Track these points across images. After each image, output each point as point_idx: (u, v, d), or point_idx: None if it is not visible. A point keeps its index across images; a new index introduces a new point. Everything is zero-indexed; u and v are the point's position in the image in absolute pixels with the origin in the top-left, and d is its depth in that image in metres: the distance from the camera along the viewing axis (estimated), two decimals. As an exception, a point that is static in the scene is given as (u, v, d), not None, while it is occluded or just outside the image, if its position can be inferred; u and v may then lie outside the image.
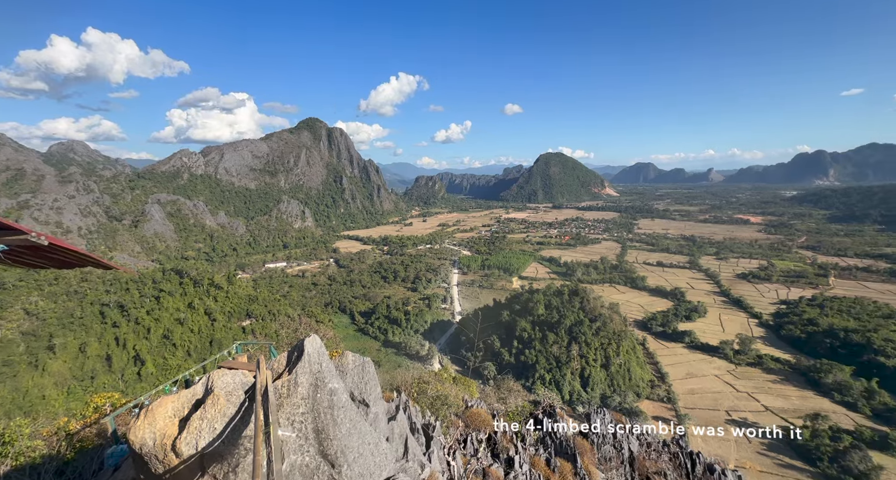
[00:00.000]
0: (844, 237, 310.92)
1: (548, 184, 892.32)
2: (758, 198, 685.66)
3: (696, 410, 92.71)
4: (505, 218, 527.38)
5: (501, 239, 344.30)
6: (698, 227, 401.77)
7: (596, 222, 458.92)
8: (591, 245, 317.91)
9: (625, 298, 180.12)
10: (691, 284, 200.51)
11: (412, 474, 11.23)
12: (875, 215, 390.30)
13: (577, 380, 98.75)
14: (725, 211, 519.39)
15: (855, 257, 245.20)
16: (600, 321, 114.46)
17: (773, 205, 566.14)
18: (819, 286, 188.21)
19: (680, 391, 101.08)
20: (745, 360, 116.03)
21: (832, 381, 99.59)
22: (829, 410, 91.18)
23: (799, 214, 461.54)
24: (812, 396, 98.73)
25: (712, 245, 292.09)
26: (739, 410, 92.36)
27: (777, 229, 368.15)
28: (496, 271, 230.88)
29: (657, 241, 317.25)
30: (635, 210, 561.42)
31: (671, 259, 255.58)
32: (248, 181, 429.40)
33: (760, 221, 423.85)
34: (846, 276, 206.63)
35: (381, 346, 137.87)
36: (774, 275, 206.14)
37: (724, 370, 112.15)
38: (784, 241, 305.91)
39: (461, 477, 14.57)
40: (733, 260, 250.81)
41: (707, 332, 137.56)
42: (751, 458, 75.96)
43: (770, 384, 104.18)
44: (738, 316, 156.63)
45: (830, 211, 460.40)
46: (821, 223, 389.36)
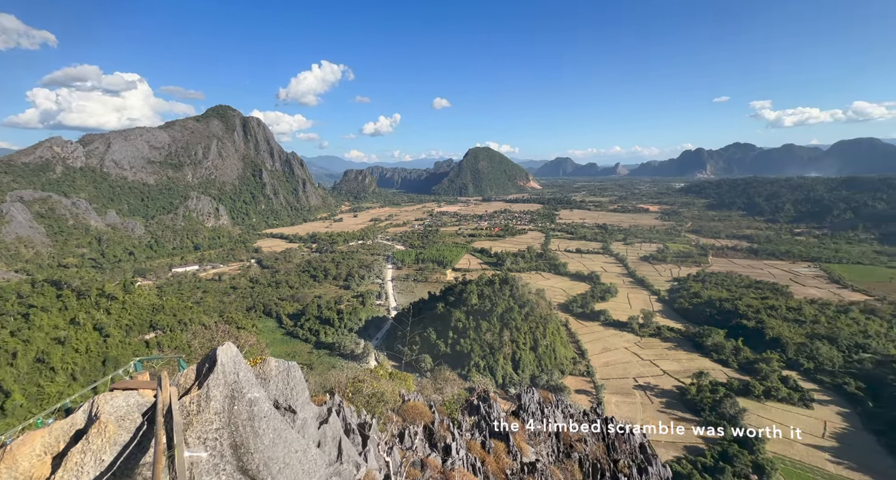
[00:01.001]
0: (718, 222, 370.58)
1: (477, 178, 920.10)
2: (655, 189, 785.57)
3: (610, 380, 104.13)
4: (437, 212, 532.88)
5: (434, 233, 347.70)
6: (609, 216, 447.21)
7: (522, 213, 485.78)
8: (519, 236, 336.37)
9: (549, 283, 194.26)
10: (605, 267, 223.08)
11: (346, 476, 10.93)
12: (739, 202, 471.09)
13: (509, 364, 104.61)
14: (630, 201, 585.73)
15: (726, 239, 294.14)
16: (529, 306, 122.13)
17: (667, 195, 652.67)
18: (701, 264, 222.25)
19: (597, 365, 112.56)
20: (647, 332, 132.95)
21: (711, 343, 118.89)
22: (710, 368, 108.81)
23: (686, 203, 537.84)
24: (697, 357, 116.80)
25: (621, 232, 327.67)
26: (644, 376, 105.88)
27: (670, 216, 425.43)
28: (430, 264, 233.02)
29: (575, 230, 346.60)
30: (556, 202, 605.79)
31: (588, 246, 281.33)
32: (145, 175, 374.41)
33: (657, 209, 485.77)
34: (720, 254, 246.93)
35: (313, 348, 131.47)
36: (669, 256, 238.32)
37: (632, 343, 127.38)
38: (675, 226, 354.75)
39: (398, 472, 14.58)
40: (637, 245, 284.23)
41: (618, 310, 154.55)
42: (654, 416, 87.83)
43: (667, 351, 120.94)
44: (642, 294, 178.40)
45: (708, 200, 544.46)
46: (701, 211, 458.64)
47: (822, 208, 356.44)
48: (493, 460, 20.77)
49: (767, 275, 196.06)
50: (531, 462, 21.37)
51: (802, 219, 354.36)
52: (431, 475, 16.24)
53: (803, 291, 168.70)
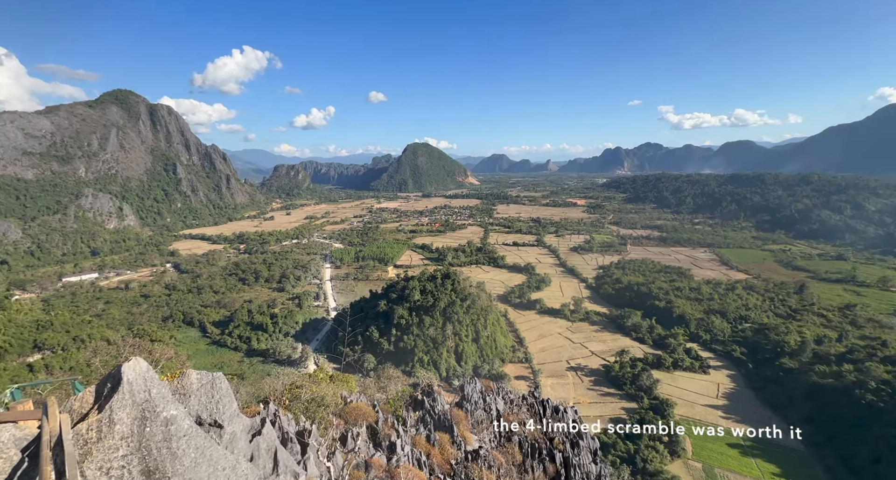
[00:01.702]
0: (634, 214, 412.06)
1: (417, 173, 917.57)
2: (581, 185, 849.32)
3: (545, 364, 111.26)
4: (377, 208, 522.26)
5: (375, 229, 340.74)
6: (542, 210, 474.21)
7: (462, 208, 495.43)
8: (459, 231, 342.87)
9: (489, 276, 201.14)
10: (539, 259, 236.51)
11: (284, 487, 10.39)
12: (651, 196, 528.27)
13: (453, 357, 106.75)
14: (560, 196, 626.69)
15: (641, 229, 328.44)
16: (470, 299, 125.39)
17: (592, 190, 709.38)
18: (622, 253, 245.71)
19: (534, 351, 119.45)
20: (577, 317, 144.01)
21: (630, 324, 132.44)
22: (630, 346, 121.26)
23: (608, 197, 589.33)
24: (620, 337, 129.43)
25: (553, 225, 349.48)
26: (575, 358, 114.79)
27: (595, 209, 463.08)
28: (371, 261, 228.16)
29: (512, 224, 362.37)
30: (494, 197, 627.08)
31: (523, 239, 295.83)
32: (20, 169, 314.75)
33: (584, 203, 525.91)
34: (637, 243, 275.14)
35: (244, 356, 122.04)
36: (595, 247, 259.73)
37: (565, 328, 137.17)
38: (599, 219, 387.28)
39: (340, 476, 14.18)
40: (568, 237, 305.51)
41: (552, 298, 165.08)
42: (584, 394, 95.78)
43: (594, 333, 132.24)
44: (572, 282, 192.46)
45: (626, 194, 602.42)
46: (621, 204, 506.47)
47: (713, 200, 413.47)
48: (438, 452, 21.10)
49: (674, 260, 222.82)
50: (475, 450, 22.07)
51: (700, 210, 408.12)
52: (376, 474, 16.05)
53: (701, 273, 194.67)
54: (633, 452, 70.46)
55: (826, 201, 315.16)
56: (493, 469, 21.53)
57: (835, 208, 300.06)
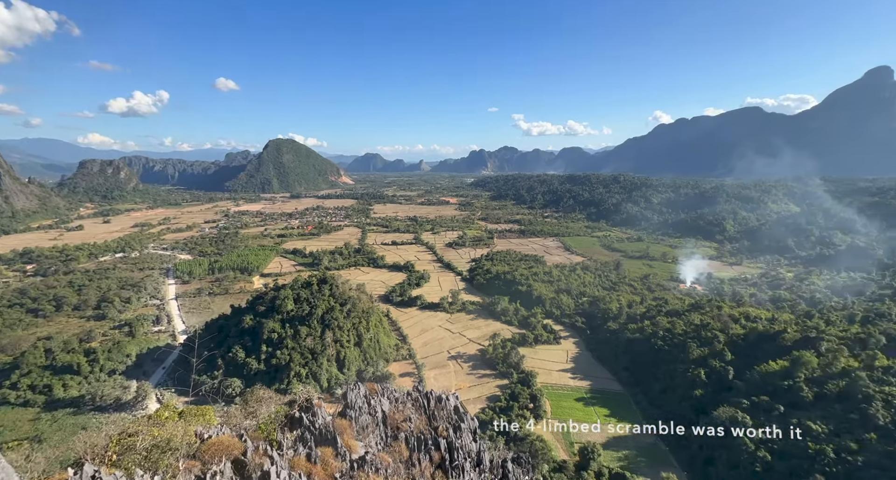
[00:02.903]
0: (498, 210, 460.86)
1: (283, 172, 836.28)
2: (453, 184, 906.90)
3: (428, 357, 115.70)
4: (235, 211, 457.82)
5: (234, 236, 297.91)
6: (418, 209, 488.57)
7: (336, 209, 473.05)
8: (335, 232, 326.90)
9: (369, 277, 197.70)
10: (418, 256, 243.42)
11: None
12: (511, 194, 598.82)
13: (334, 365, 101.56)
14: (434, 195, 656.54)
15: (504, 223, 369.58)
16: (350, 303, 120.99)
17: (462, 189, 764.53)
18: (490, 246, 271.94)
19: (417, 346, 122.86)
20: (455, 309, 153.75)
21: (500, 309, 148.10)
22: (501, 329, 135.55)
23: (476, 195, 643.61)
24: (493, 322, 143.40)
25: (429, 223, 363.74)
26: (455, 347, 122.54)
27: (465, 207, 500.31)
28: (231, 272, 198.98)
29: (390, 223, 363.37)
30: (370, 197, 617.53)
31: (402, 238, 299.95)
32: None
33: (456, 201, 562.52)
34: (501, 237, 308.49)
35: (42, 411, 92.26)
36: (467, 241, 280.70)
37: (444, 320, 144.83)
38: (470, 216, 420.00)
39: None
40: (443, 233, 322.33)
41: (431, 293, 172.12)
42: (464, 379, 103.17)
43: (470, 322, 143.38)
44: (449, 276, 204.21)
45: (491, 192, 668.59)
46: (487, 201, 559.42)
47: (557, 197, 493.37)
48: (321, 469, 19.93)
49: (531, 250, 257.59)
50: (360, 457, 21.57)
51: (548, 205, 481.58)
52: (246, 513, 14.26)
53: (552, 259, 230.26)
54: (508, 422, 79.28)
55: (629, 196, 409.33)
56: (381, 471, 21.42)
57: (635, 202, 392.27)
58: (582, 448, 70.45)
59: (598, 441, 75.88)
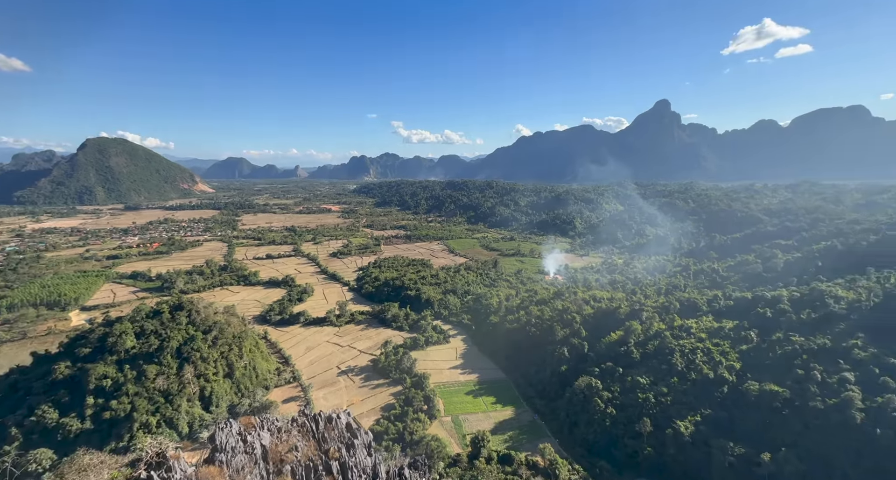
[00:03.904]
0: (384, 217, 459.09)
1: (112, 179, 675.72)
2: (334, 191, 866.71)
3: (316, 376, 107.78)
4: (35, 229, 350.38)
5: (34, 261, 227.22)
6: (296, 218, 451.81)
7: (193, 222, 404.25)
8: (192, 249, 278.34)
9: (240, 297, 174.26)
10: (299, 269, 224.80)
11: None
12: (395, 200, 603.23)
13: (197, 405, 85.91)
14: (314, 203, 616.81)
15: (390, 229, 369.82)
16: (216, 329, 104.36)
17: (344, 196, 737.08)
18: (377, 253, 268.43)
19: (303, 366, 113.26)
20: (344, 321, 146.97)
21: (391, 316, 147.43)
22: (392, 336, 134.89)
23: (359, 202, 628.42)
24: (384, 330, 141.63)
25: (309, 232, 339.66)
26: (346, 361, 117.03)
27: (349, 214, 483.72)
28: (31, 310, 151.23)
29: (263, 235, 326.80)
30: (237, 206, 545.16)
31: (279, 250, 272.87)
32: None
33: (339, 209, 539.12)
34: (388, 243, 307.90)
35: None
36: (353, 250, 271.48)
37: (332, 334, 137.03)
38: (354, 223, 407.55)
39: None
40: (326, 243, 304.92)
41: (316, 307, 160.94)
42: (357, 393, 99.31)
43: (360, 333, 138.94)
44: (335, 287, 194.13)
45: (375, 199, 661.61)
46: (371, 208, 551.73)
47: (440, 202, 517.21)
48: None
49: (418, 254, 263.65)
50: (233, 507, 19.01)
51: (431, 210, 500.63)
52: None
53: (438, 261, 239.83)
54: (403, 429, 79.29)
55: (501, 200, 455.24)
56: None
57: (506, 205, 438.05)
58: (473, 439, 74.99)
59: (487, 429, 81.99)
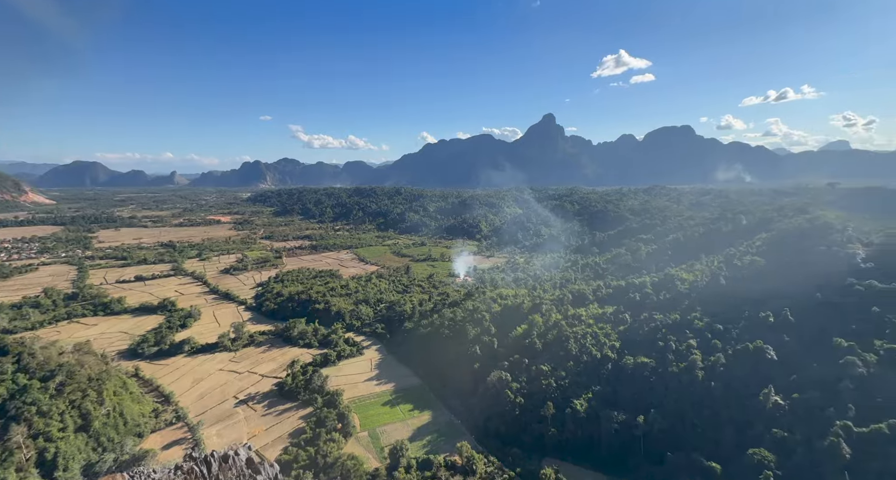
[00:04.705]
0: (285, 227, 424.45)
1: None
2: (224, 200, 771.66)
3: (208, 411, 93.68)
4: None
5: None
6: (175, 232, 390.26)
7: (21, 241, 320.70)
8: (22, 276, 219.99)
9: (98, 330, 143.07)
10: (181, 291, 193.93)
11: None
12: (297, 208, 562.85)
13: (34, 473, 67.07)
14: (199, 213, 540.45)
15: (293, 240, 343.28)
16: (62, 373, 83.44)
17: (236, 205, 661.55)
18: (278, 266, 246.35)
19: (189, 402, 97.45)
20: (241, 344, 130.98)
21: (297, 333, 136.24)
22: (300, 354, 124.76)
23: (255, 212, 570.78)
24: (289, 349, 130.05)
25: (193, 248, 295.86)
26: (244, 388, 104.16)
27: (243, 225, 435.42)
28: None
29: (131, 253, 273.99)
30: (90, 220, 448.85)
31: (152, 270, 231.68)
32: None
33: (230, 220, 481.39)
34: (291, 254, 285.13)
35: None
36: (249, 264, 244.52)
37: (227, 361, 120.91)
38: (250, 235, 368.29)
39: None
40: (215, 258, 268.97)
41: (206, 332, 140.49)
42: (259, 423, 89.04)
43: (262, 355, 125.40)
44: (229, 308, 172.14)
45: (273, 208, 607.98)
46: (270, 218, 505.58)
47: (347, 209, 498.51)
48: None
49: (325, 265, 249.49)
50: None
51: (338, 218, 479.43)
52: None
53: (348, 271, 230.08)
54: (315, 453, 73.47)
55: (411, 206, 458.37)
56: None
57: (415, 211, 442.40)
58: (392, 450, 73.13)
59: (406, 437, 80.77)
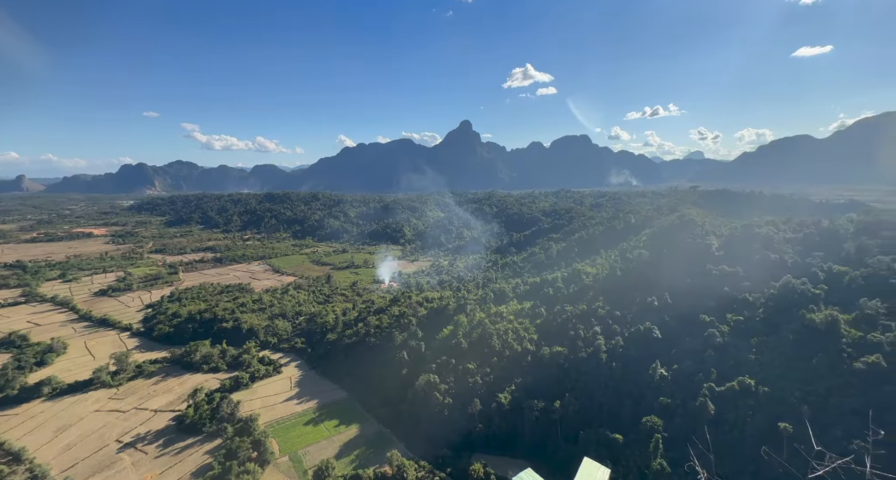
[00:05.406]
0: (181, 238, 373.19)
1: None
2: (96, 209, 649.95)
3: (80, 463, 77.30)
4: None
5: None
6: (26, 249, 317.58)
7: None
8: None
9: None
10: (35, 321, 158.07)
11: None
12: (196, 217, 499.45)
13: None
14: (61, 226, 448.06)
15: (192, 253, 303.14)
16: None
17: (115, 215, 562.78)
18: (174, 283, 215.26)
19: (51, 456, 79.41)
20: (125, 377, 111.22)
21: (200, 357, 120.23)
22: (204, 380, 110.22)
23: (141, 222, 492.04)
24: (191, 376, 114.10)
25: (54, 267, 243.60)
26: (132, 429, 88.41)
27: (125, 238, 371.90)
28: None
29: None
30: None
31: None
32: None
33: (106, 232, 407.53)
34: (190, 269, 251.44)
35: None
36: (135, 283, 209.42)
37: (106, 399, 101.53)
38: (135, 249, 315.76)
39: None
40: (86, 279, 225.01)
41: (74, 369, 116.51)
42: (153, 466, 76.20)
43: (155, 387, 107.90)
44: (107, 336, 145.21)
45: (166, 217, 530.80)
46: (161, 228, 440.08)
47: (257, 217, 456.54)
48: None
49: (234, 278, 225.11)
50: None
51: (247, 227, 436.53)
52: None
53: (261, 284, 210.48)
54: (227, 491, 65.37)
55: (330, 212, 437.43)
56: None
57: (335, 217, 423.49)
58: (316, 471, 68.42)
59: (332, 455, 76.26)
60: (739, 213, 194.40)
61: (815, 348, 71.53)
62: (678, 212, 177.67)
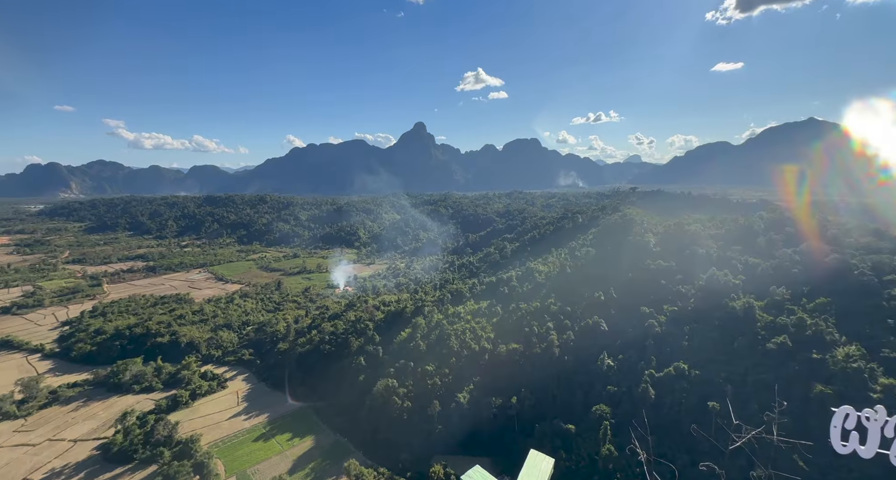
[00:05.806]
0: (105, 246, 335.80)
1: None
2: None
3: (-19, 510, 66.80)
4: None
5: None
6: None
7: None
8: None
9: None
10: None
11: None
12: (123, 222, 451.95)
13: None
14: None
15: (119, 262, 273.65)
16: None
17: (20, 221, 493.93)
18: (97, 296, 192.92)
19: (-56, 506, 67.81)
20: (36, 405, 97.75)
21: (129, 377, 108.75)
22: (135, 402, 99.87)
23: (54, 229, 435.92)
24: (119, 399, 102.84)
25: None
26: (46, 463, 77.75)
27: (33, 247, 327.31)
28: None
29: None
30: None
31: None
32: None
33: (9, 241, 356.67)
34: (117, 280, 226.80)
35: None
36: (46, 298, 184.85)
37: (11, 432, 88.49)
38: (46, 259, 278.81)
39: None
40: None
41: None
42: (74, 504, 67.69)
43: (74, 414, 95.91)
44: (12, 360, 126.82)
45: (86, 223, 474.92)
46: (80, 236, 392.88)
47: (197, 221, 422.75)
48: None
49: (170, 288, 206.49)
50: None
51: (185, 232, 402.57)
52: None
53: (202, 293, 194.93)
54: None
55: (279, 216, 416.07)
56: None
57: (285, 220, 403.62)
58: (269, 490, 64.58)
59: (285, 471, 72.45)
60: (672, 211, 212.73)
61: (736, 332, 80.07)
62: (620, 211, 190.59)
